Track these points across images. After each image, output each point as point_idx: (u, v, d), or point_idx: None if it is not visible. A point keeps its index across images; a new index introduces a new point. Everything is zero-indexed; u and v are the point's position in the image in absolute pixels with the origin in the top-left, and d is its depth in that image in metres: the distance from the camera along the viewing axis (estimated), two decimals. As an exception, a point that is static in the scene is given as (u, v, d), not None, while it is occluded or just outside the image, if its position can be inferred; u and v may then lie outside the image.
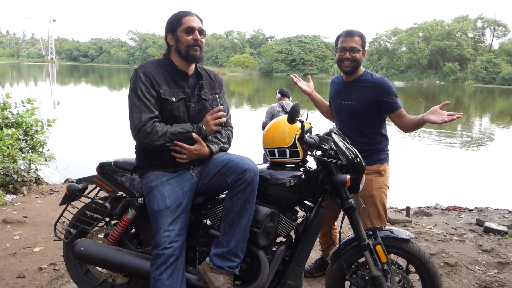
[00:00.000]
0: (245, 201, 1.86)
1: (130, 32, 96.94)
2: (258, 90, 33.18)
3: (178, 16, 1.96)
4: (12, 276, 2.75)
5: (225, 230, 1.89)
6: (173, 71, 1.99)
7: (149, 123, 1.87)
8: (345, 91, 2.52)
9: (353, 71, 2.45)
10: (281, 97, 5.65)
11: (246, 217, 1.87)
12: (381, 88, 2.39)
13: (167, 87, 1.93)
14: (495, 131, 15.42)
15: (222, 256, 1.89)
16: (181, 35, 1.94)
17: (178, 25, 1.95)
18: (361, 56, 2.42)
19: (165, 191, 1.92)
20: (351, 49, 2.38)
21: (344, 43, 2.41)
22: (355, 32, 2.42)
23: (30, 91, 22.22)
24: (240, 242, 1.89)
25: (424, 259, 1.98)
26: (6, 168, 4.77)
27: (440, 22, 58.33)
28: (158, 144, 1.88)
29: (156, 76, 1.92)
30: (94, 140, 10.07)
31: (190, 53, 1.94)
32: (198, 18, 1.98)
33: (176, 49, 1.97)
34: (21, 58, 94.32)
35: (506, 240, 3.76)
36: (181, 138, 1.90)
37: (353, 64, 2.41)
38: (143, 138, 1.88)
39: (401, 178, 7.43)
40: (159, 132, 1.87)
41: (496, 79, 47.52)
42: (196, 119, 2.00)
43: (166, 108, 1.93)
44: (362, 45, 2.42)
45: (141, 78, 1.90)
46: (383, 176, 2.46)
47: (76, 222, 2.26)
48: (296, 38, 69.72)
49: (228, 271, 1.89)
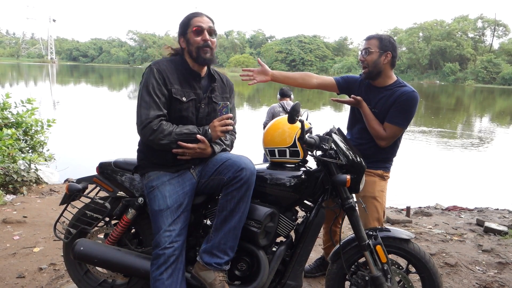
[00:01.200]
0: (239, 200, 1.85)
1: (130, 32, 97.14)
2: (258, 90, 33.17)
3: (188, 18, 1.95)
4: (12, 276, 2.74)
5: (217, 226, 1.89)
6: (186, 71, 1.98)
7: (155, 120, 1.86)
8: (369, 94, 2.40)
9: (370, 76, 2.35)
10: (282, 98, 5.59)
11: (239, 215, 1.86)
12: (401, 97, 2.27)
13: (179, 87, 1.92)
14: (495, 131, 15.42)
15: (210, 252, 1.89)
16: (191, 36, 1.93)
17: (188, 27, 1.94)
18: (376, 59, 2.30)
19: (166, 191, 1.92)
20: (364, 50, 2.33)
21: (362, 45, 2.38)
22: (373, 36, 2.36)
23: (30, 91, 22.22)
24: (230, 240, 1.88)
25: (424, 259, 1.98)
26: (6, 168, 4.77)
27: (440, 22, 58.38)
28: (162, 143, 1.87)
29: (170, 74, 1.92)
30: (94, 140, 10.07)
31: (201, 55, 1.92)
32: (208, 18, 1.97)
33: (188, 51, 1.96)
34: (21, 58, 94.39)
35: (506, 240, 3.76)
36: (186, 139, 1.89)
37: (367, 68, 2.32)
38: (148, 135, 1.87)
39: (401, 178, 7.43)
40: (164, 131, 1.86)
41: (496, 79, 47.54)
42: (204, 121, 1.99)
43: (175, 108, 1.92)
44: (381, 47, 2.30)
45: (155, 75, 1.89)
46: (385, 181, 2.45)
47: (76, 222, 2.26)
48: (296, 38, 69.79)
49: (216, 267, 1.88)
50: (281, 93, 5.64)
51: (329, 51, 67.55)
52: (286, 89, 5.65)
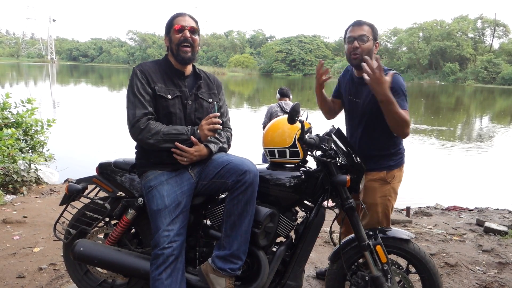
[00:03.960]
0: (246, 203, 1.86)
1: (130, 32, 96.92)
2: (258, 90, 33.18)
3: (171, 18, 2.02)
4: (12, 276, 2.74)
5: (227, 232, 1.89)
6: (170, 70, 2.02)
7: (143, 119, 1.89)
8: (356, 88, 2.32)
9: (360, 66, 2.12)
10: (281, 98, 5.48)
11: (248, 219, 1.87)
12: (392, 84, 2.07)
13: (163, 85, 1.96)
14: (495, 131, 15.41)
15: (224, 258, 1.89)
16: (172, 35, 1.98)
17: (171, 26, 1.99)
18: (372, 47, 2.18)
19: (164, 190, 1.92)
20: (360, 37, 2.16)
21: (352, 32, 2.20)
22: (364, 22, 2.21)
23: (30, 91, 22.22)
24: (242, 244, 1.89)
25: (424, 259, 1.98)
26: (6, 168, 4.77)
27: (440, 22, 58.33)
28: (150, 142, 1.89)
29: (153, 74, 1.96)
30: (94, 140, 10.07)
31: (180, 54, 1.96)
32: (191, 18, 2.01)
33: (170, 49, 2.01)
34: (21, 58, 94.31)
35: (506, 240, 3.76)
36: (174, 139, 1.90)
37: (359, 56, 2.15)
38: (137, 134, 1.90)
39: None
40: (152, 130, 1.88)
41: (496, 79, 47.50)
42: (193, 117, 2.01)
43: (162, 105, 1.95)
44: (374, 36, 2.20)
45: (138, 76, 1.94)
46: (389, 184, 2.29)
47: (75, 223, 2.26)
48: (296, 38, 69.67)
49: (230, 273, 1.89)
50: (281, 93, 5.53)
51: (329, 51, 67.43)
52: (285, 89, 5.55)
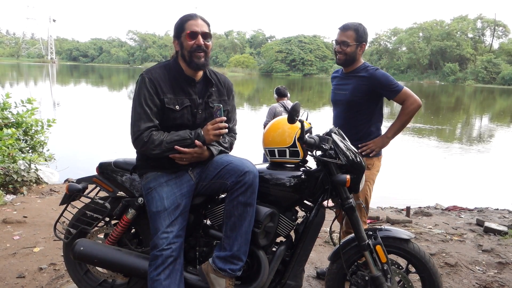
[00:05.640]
0: (246, 204, 1.85)
1: (130, 32, 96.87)
2: (258, 90, 33.17)
3: (182, 21, 1.91)
4: (12, 276, 2.75)
5: (227, 233, 1.88)
6: (180, 77, 1.94)
7: (146, 132, 1.86)
8: (342, 82, 2.62)
9: (345, 64, 2.55)
10: (279, 97, 5.44)
11: (248, 219, 1.86)
12: (376, 80, 2.45)
13: (172, 95, 1.90)
14: (495, 131, 15.41)
15: (225, 259, 1.89)
16: (184, 40, 1.89)
17: (182, 30, 1.90)
18: (354, 50, 2.47)
19: (163, 192, 1.91)
20: (342, 43, 2.47)
21: (338, 36, 2.51)
22: (349, 26, 2.47)
23: (30, 91, 22.21)
24: (243, 245, 1.88)
25: (424, 259, 1.98)
26: (6, 168, 4.77)
27: (440, 22, 58.34)
28: (154, 153, 1.88)
29: (162, 82, 1.89)
30: (94, 140, 10.07)
31: (193, 60, 1.89)
32: (203, 21, 1.92)
33: (181, 55, 1.94)
34: (21, 58, 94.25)
35: (506, 240, 3.76)
36: (178, 146, 1.87)
37: (344, 57, 2.50)
38: (140, 146, 1.89)
39: (401, 178, 7.44)
40: (155, 142, 1.85)
41: (496, 79, 47.51)
42: (203, 127, 1.95)
43: (169, 117, 1.90)
44: (357, 39, 2.46)
45: (146, 84, 1.87)
46: (369, 170, 2.51)
47: (76, 222, 2.26)
48: (296, 38, 69.68)
49: (231, 274, 1.89)
50: (278, 93, 5.46)
51: (329, 51, 67.35)
52: (282, 88, 5.49)
